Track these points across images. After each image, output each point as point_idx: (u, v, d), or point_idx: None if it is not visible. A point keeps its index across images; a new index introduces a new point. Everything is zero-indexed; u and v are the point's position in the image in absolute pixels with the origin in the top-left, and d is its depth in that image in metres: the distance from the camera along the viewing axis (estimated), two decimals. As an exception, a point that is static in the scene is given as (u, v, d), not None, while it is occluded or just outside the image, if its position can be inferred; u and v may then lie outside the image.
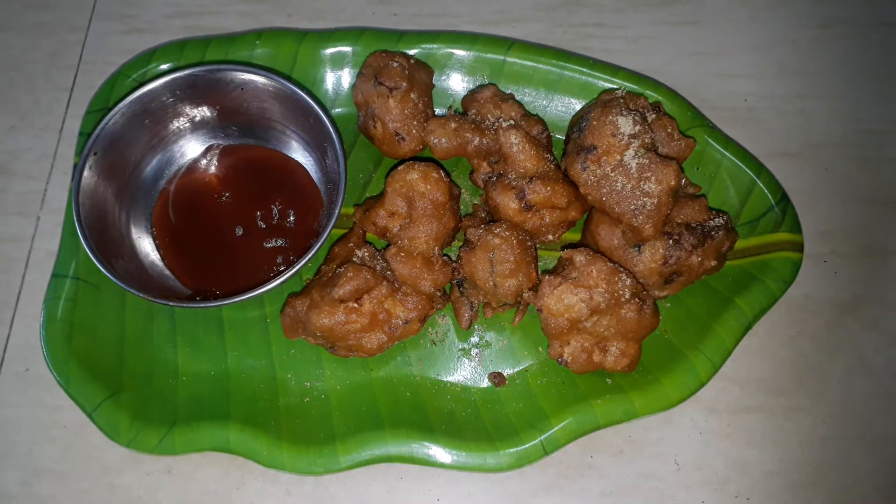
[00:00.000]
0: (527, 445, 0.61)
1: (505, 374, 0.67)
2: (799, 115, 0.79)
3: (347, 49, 0.75)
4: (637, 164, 0.61)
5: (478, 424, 0.63)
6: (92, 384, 0.63)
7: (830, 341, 0.70)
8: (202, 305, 0.61)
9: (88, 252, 0.60)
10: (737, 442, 0.66)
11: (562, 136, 0.74)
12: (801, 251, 0.67)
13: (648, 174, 0.61)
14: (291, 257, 0.68)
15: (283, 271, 0.63)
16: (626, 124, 0.62)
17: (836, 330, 0.70)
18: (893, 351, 0.69)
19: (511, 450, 0.61)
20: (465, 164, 0.74)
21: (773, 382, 0.68)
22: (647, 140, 0.63)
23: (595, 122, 0.63)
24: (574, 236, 0.71)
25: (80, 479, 0.64)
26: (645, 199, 0.61)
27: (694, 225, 0.64)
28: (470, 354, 0.67)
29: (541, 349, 0.67)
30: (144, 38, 0.82)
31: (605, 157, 0.63)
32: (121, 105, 0.66)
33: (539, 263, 0.69)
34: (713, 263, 0.65)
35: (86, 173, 0.63)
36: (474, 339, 0.68)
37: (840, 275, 0.72)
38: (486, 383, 0.66)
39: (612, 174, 0.62)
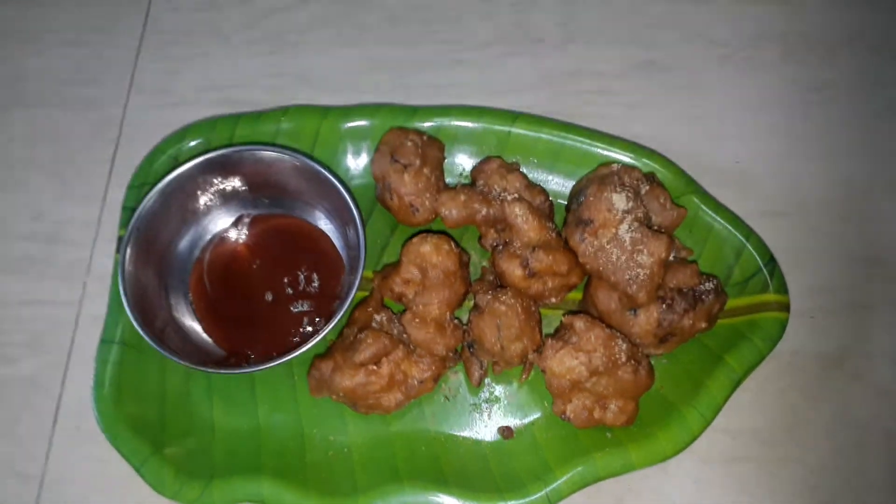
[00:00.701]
0: (533, 497, 0.66)
1: (513, 427, 0.72)
2: (789, 174, 0.84)
3: (366, 123, 0.81)
4: (630, 237, 0.67)
5: (487, 477, 0.69)
6: (138, 441, 0.69)
7: (818, 393, 0.74)
8: (237, 371, 0.68)
9: (136, 326, 0.67)
10: (729, 491, 0.71)
11: (563, 202, 0.80)
12: (787, 311, 0.72)
13: (641, 247, 0.67)
14: (317, 319, 0.74)
15: (310, 335, 0.70)
16: (620, 201, 0.68)
17: (824, 382, 0.75)
18: (879, 402, 0.74)
19: (518, 501, 0.66)
20: (473, 229, 0.80)
21: (764, 433, 0.73)
22: (639, 214, 0.68)
23: (592, 198, 0.69)
24: (576, 296, 0.77)
25: (128, 528, 0.71)
26: (638, 270, 0.67)
27: (685, 290, 0.70)
28: (480, 409, 0.73)
29: (546, 403, 0.73)
30: (179, 111, 0.89)
31: (601, 230, 0.68)
32: (158, 185, 0.72)
33: (543, 322, 0.75)
34: (704, 325, 0.70)
35: (128, 251, 0.70)
36: (484, 395, 0.74)
37: (827, 329, 0.77)
38: (495, 436, 0.72)
39: (608, 246, 0.68)
